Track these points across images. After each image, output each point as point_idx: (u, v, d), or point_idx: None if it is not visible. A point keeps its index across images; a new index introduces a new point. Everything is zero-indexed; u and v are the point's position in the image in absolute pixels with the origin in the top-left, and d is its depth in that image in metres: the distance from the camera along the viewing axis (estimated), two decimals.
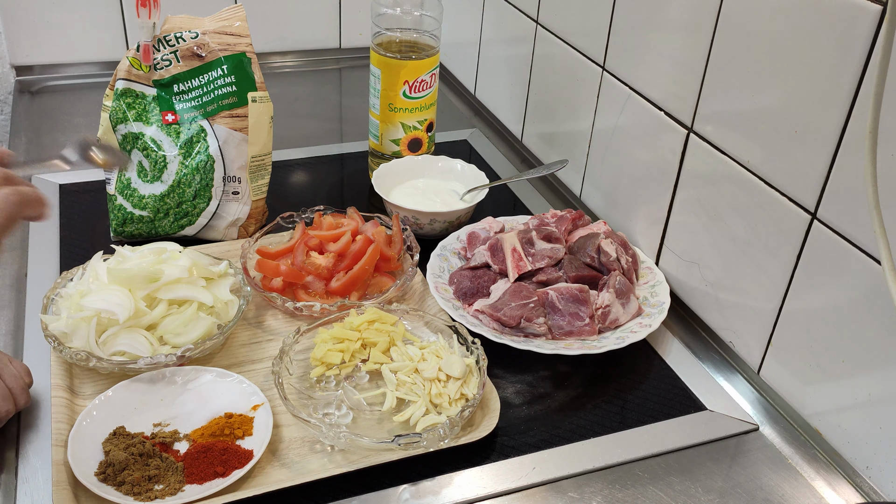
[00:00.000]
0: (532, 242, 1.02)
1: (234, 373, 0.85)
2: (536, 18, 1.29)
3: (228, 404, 0.82)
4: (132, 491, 0.73)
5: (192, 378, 0.85)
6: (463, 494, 0.77)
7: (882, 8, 0.70)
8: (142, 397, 0.83)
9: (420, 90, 1.20)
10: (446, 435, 0.79)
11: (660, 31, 1.00)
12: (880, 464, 0.78)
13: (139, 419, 0.81)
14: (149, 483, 0.74)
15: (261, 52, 1.60)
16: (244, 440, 0.78)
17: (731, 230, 0.92)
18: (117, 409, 0.81)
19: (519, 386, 0.91)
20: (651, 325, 0.95)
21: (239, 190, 1.08)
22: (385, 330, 0.90)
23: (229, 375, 0.85)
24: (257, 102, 1.06)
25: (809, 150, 0.80)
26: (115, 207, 1.07)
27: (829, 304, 0.81)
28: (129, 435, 0.78)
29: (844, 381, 0.81)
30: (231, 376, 0.85)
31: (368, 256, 1.00)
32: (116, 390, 0.83)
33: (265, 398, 0.82)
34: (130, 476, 0.74)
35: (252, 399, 0.83)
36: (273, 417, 0.80)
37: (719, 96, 0.92)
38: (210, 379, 0.85)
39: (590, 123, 1.18)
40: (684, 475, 0.81)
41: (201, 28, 1.05)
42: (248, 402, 0.82)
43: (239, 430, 0.79)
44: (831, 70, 0.76)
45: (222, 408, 0.82)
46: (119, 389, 0.83)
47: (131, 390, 0.83)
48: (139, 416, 0.81)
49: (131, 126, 1.04)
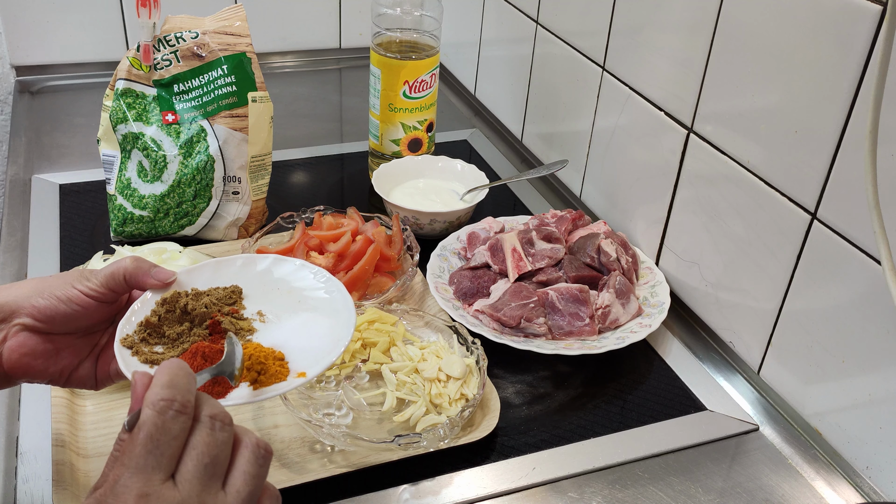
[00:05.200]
0: (532, 242, 1.02)
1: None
2: (536, 18, 1.29)
3: (301, 346, 0.69)
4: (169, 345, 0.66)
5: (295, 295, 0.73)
6: (463, 494, 0.77)
7: (882, 8, 0.70)
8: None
9: (420, 90, 1.20)
10: (446, 435, 0.79)
11: (660, 31, 1.00)
12: (880, 464, 0.78)
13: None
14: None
15: (261, 52, 1.60)
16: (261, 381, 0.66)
17: (731, 230, 0.92)
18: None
19: (519, 386, 0.91)
20: (651, 325, 0.95)
21: (239, 190, 1.08)
22: (385, 330, 0.90)
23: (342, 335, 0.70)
24: (257, 102, 1.06)
25: (809, 150, 0.80)
26: (115, 207, 1.07)
27: (829, 304, 0.81)
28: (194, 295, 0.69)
29: (844, 381, 0.81)
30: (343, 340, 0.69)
31: (368, 256, 1.00)
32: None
33: (314, 376, 0.65)
34: (171, 330, 0.66)
35: (310, 369, 0.67)
36: (273, 418, 0.80)
37: (719, 96, 0.92)
38: (309, 318, 0.72)
39: (590, 123, 1.18)
40: (684, 475, 0.81)
41: (201, 28, 1.05)
42: (303, 366, 0.67)
43: (263, 377, 0.67)
44: (831, 70, 0.76)
45: (290, 346, 0.69)
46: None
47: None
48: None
49: (131, 126, 1.04)
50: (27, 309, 0.63)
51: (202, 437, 0.48)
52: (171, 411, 0.47)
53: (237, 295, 0.72)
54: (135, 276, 0.66)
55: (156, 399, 0.47)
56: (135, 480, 0.45)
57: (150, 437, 0.46)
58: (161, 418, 0.47)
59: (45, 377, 0.66)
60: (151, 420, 0.46)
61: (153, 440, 0.46)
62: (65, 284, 0.64)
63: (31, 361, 0.64)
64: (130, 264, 0.66)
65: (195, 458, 0.47)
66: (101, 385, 0.69)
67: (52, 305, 0.63)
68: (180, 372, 0.50)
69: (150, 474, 0.46)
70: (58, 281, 0.64)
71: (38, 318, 0.63)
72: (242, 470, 0.50)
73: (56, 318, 0.63)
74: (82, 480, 0.75)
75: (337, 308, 0.71)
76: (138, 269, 0.66)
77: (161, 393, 0.48)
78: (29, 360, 0.64)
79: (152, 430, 0.46)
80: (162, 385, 0.48)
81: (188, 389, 0.49)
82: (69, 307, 0.64)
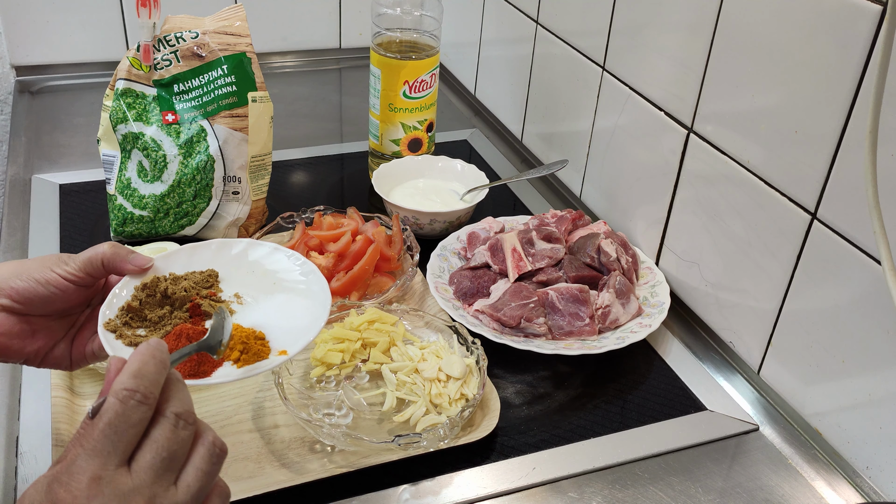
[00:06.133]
0: (532, 242, 1.02)
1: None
2: (536, 18, 1.29)
3: (280, 324, 0.70)
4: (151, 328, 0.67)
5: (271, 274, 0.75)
6: (463, 494, 0.77)
7: (882, 8, 0.70)
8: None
9: (420, 90, 1.20)
10: (446, 435, 0.79)
11: (660, 31, 1.00)
12: (880, 464, 0.78)
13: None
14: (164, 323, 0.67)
15: (261, 52, 1.60)
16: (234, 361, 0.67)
17: (731, 230, 0.92)
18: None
19: (519, 386, 0.91)
20: (651, 325, 0.95)
21: (239, 190, 1.08)
22: (385, 330, 0.90)
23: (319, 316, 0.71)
24: (257, 102, 1.06)
25: (809, 150, 0.80)
26: (115, 207, 1.07)
27: (829, 304, 0.81)
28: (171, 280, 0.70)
29: (844, 381, 0.81)
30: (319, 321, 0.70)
31: (368, 256, 1.00)
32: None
33: (295, 353, 0.67)
34: (152, 314, 0.68)
35: (291, 347, 0.68)
36: (273, 418, 0.80)
37: (719, 96, 0.92)
38: (286, 299, 0.73)
39: (590, 123, 1.18)
40: (684, 475, 0.81)
41: (201, 28, 1.05)
42: (284, 344, 0.68)
43: (246, 355, 0.68)
44: (831, 70, 0.76)
45: (269, 325, 0.70)
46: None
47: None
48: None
49: (131, 126, 1.04)
50: (5, 290, 0.65)
51: (164, 433, 0.49)
52: (132, 401, 0.48)
53: (214, 278, 0.73)
54: (112, 261, 0.67)
55: (120, 388, 0.49)
56: (90, 463, 0.47)
57: (110, 424, 0.48)
58: (122, 407, 0.48)
59: (20, 357, 0.67)
60: (113, 408, 0.48)
61: (112, 426, 0.48)
62: (43, 268, 0.65)
63: (7, 341, 0.66)
64: (108, 250, 0.67)
65: (154, 451, 0.49)
66: (75, 366, 0.70)
67: (30, 287, 0.64)
68: (151, 360, 0.51)
69: (106, 459, 0.47)
70: (36, 264, 0.66)
71: (17, 299, 0.65)
72: (196, 466, 0.51)
73: (34, 300, 0.65)
74: None
75: (313, 289, 0.72)
76: (116, 255, 0.68)
77: (126, 382, 0.49)
78: (5, 340, 0.65)
79: (113, 417, 0.48)
80: (129, 374, 0.50)
81: (154, 380, 0.50)
82: (47, 290, 0.65)
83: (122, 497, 0.47)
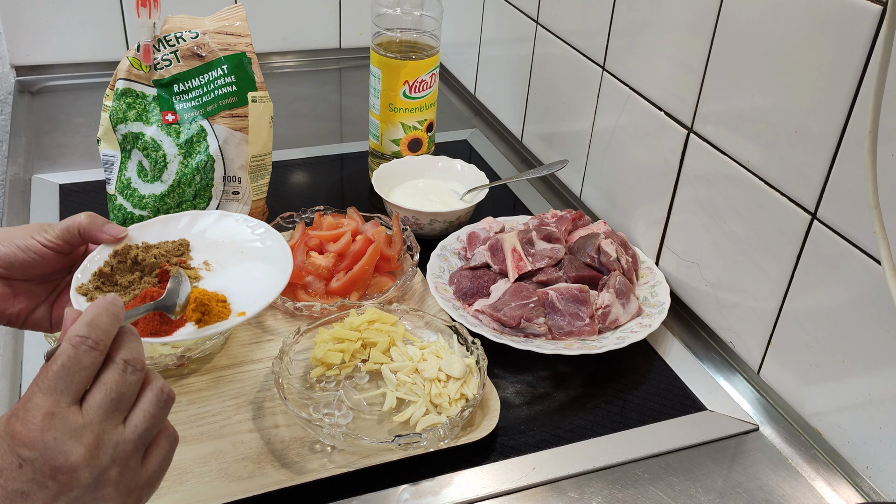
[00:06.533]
0: (532, 242, 1.02)
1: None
2: (536, 18, 1.29)
3: (242, 288, 0.74)
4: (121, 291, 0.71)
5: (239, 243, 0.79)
6: (463, 494, 0.77)
7: (882, 8, 0.70)
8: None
9: (420, 90, 1.20)
10: (446, 435, 0.79)
11: (660, 31, 1.00)
12: (880, 464, 0.78)
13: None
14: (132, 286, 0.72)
15: (261, 52, 1.60)
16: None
17: (731, 230, 0.92)
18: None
19: (519, 386, 0.91)
20: (651, 325, 0.95)
21: (239, 190, 1.08)
22: (385, 330, 0.90)
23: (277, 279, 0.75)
24: (257, 102, 1.06)
25: (809, 150, 0.80)
26: (115, 207, 1.07)
27: (829, 304, 0.81)
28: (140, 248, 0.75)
29: (844, 381, 0.81)
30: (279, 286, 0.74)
31: (368, 256, 1.00)
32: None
33: (253, 314, 0.71)
34: (122, 279, 0.72)
35: (249, 309, 0.72)
36: (273, 418, 0.79)
37: (719, 96, 0.92)
38: (251, 266, 0.77)
39: (590, 123, 1.18)
40: (684, 475, 0.81)
41: (201, 28, 1.05)
42: (244, 306, 0.72)
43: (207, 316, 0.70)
44: (831, 70, 0.76)
45: (231, 289, 0.73)
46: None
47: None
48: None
49: (131, 126, 1.04)
50: None
51: (113, 376, 0.54)
52: (84, 346, 0.52)
53: (185, 247, 0.77)
54: (89, 230, 0.71)
55: (73, 335, 0.53)
56: (45, 400, 0.51)
57: (63, 366, 0.52)
58: (75, 351, 0.52)
59: (2, 318, 0.71)
60: (66, 352, 0.52)
61: (65, 368, 0.52)
62: (25, 235, 0.70)
63: None
64: (85, 220, 0.71)
65: (103, 392, 0.53)
66: (55, 328, 0.74)
67: (11, 253, 0.69)
68: (104, 313, 0.55)
69: (59, 397, 0.51)
70: (19, 231, 0.70)
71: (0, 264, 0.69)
72: (144, 408, 0.55)
73: (15, 265, 0.69)
74: None
75: (276, 257, 0.77)
76: (92, 224, 0.72)
77: (79, 330, 0.53)
78: None
79: (66, 360, 0.52)
80: (83, 323, 0.53)
81: (105, 330, 0.54)
82: (27, 255, 0.69)
83: (72, 432, 0.51)
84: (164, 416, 0.56)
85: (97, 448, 0.51)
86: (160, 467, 0.56)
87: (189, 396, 0.85)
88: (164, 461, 0.57)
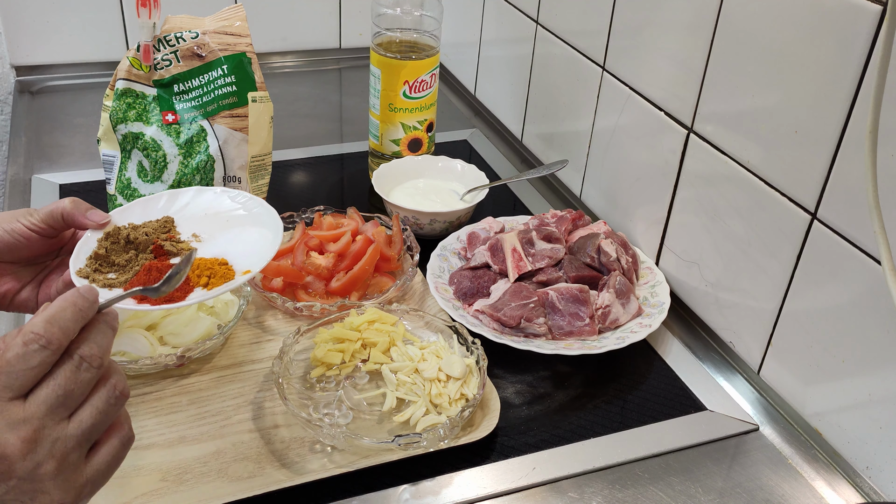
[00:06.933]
0: (532, 242, 1.02)
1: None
2: (536, 18, 1.29)
3: (240, 250, 0.77)
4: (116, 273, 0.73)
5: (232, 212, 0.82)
6: (463, 494, 0.77)
7: (882, 8, 0.70)
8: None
9: (420, 90, 1.20)
10: (446, 435, 0.79)
11: (660, 31, 1.00)
12: (880, 464, 0.78)
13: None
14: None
15: (261, 52, 1.60)
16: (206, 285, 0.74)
17: (731, 230, 0.92)
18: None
19: (519, 386, 0.91)
20: (651, 325, 0.95)
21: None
22: (385, 330, 0.90)
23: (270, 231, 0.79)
24: (257, 102, 1.06)
25: (809, 150, 0.80)
26: (116, 207, 1.06)
27: (829, 304, 0.81)
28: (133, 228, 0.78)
29: (844, 381, 0.81)
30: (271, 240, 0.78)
31: (368, 256, 1.00)
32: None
33: (258, 270, 0.74)
34: (118, 259, 0.74)
35: (253, 266, 0.75)
36: (273, 418, 0.80)
37: (719, 96, 0.92)
38: (240, 231, 0.80)
39: (590, 123, 1.18)
40: (684, 475, 0.81)
41: (201, 28, 1.05)
42: (246, 265, 0.75)
43: (214, 279, 0.74)
44: (831, 70, 0.76)
45: (229, 252, 0.77)
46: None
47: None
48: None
49: (131, 126, 1.04)
50: None
51: (65, 372, 0.53)
52: (35, 345, 0.52)
53: (170, 223, 0.80)
54: (72, 215, 0.73)
55: (28, 330, 0.52)
56: None
57: (9, 362, 0.51)
58: (24, 350, 0.52)
59: None
60: (15, 350, 0.52)
61: (10, 364, 0.51)
62: (11, 219, 0.72)
63: None
64: (69, 205, 0.73)
65: (51, 387, 0.53)
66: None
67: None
68: (70, 307, 0.54)
69: (1, 391, 0.51)
70: (6, 216, 0.73)
71: None
72: (93, 405, 0.54)
73: (1, 247, 0.72)
74: None
75: (263, 219, 0.80)
76: (75, 210, 0.74)
77: (35, 326, 0.52)
78: None
79: (12, 357, 0.52)
80: (42, 319, 0.53)
81: (64, 327, 0.53)
82: (13, 237, 0.72)
83: (10, 424, 0.51)
84: (115, 414, 0.56)
85: (34, 442, 0.51)
86: (107, 466, 0.56)
87: (189, 396, 0.85)
88: (112, 460, 0.56)
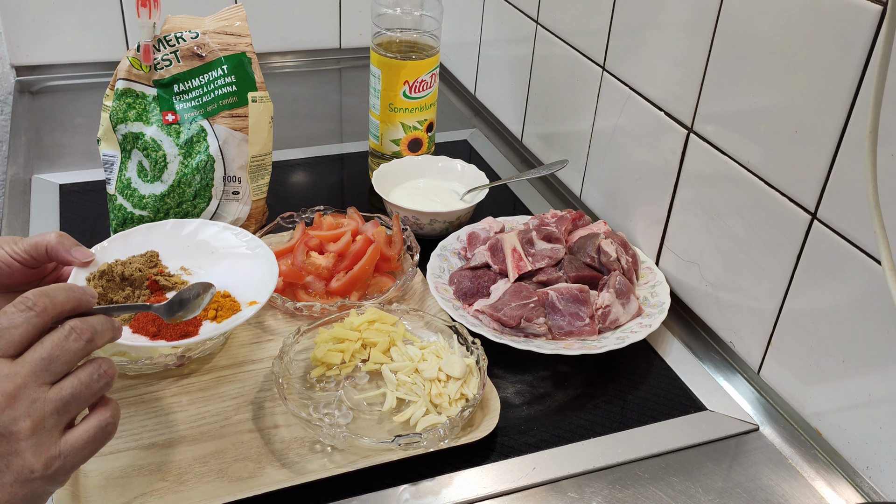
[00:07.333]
0: (532, 242, 1.02)
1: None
2: (536, 18, 1.29)
3: (239, 282, 0.78)
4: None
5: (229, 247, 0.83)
6: (463, 494, 0.77)
7: (882, 8, 0.70)
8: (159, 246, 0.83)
9: (420, 90, 1.20)
10: (446, 435, 0.79)
11: (660, 31, 1.00)
12: (880, 464, 0.78)
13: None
14: None
15: (261, 52, 1.60)
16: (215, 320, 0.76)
17: (731, 230, 0.92)
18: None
19: (519, 386, 0.91)
20: (651, 325, 0.95)
21: (239, 190, 1.08)
22: (385, 330, 0.90)
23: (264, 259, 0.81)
24: (257, 102, 1.06)
25: (809, 150, 0.80)
26: (115, 207, 1.07)
27: (829, 304, 0.81)
28: (125, 263, 0.78)
29: (844, 381, 0.81)
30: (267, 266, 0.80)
31: (368, 256, 1.00)
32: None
33: (265, 299, 0.77)
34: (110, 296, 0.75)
35: (258, 297, 0.78)
36: (273, 418, 0.80)
37: (719, 96, 0.92)
38: (232, 262, 0.81)
39: (590, 123, 1.18)
40: (684, 475, 0.81)
41: (201, 28, 1.05)
42: (250, 297, 0.78)
43: (221, 311, 0.76)
44: (831, 70, 0.76)
45: (228, 285, 0.78)
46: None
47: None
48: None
49: (131, 126, 1.04)
50: None
51: (53, 338, 0.56)
52: (22, 306, 0.55)
53: (155, 258, 0.80)
54: (56, 250, 0.73)
55: (21, 298, 0.56)
56: None
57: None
58: (13, 309, 0.55)
59: None
60: (6, 310, 0.55)
61: (1, 325, 0.55)
62: None
63: None
64: (54, 239, 0.73)
65: (38, 350, 0.55)
66: None
67: None
68: (63, 288, 0.58)
69: None
70: None
71: None
72: (77, 376, 0.57)
73: None
74: (81, 480, 0.75)
75: (253, 249, 0.80)
76: (60, 245, 0.73)
77: (27, 294, 0.56)
78: None
79: (2, 317, 0.55)
80: (35, 291, 0.57)
81: (52, 297, 0.57)
82: None
83: None
84: (97, 390, 0.57)
85: (13, 398, 0.53)
86: (82, 444, 0.57)
87: (189, 396, 0.85)
88: (88, 440, 0.57)
